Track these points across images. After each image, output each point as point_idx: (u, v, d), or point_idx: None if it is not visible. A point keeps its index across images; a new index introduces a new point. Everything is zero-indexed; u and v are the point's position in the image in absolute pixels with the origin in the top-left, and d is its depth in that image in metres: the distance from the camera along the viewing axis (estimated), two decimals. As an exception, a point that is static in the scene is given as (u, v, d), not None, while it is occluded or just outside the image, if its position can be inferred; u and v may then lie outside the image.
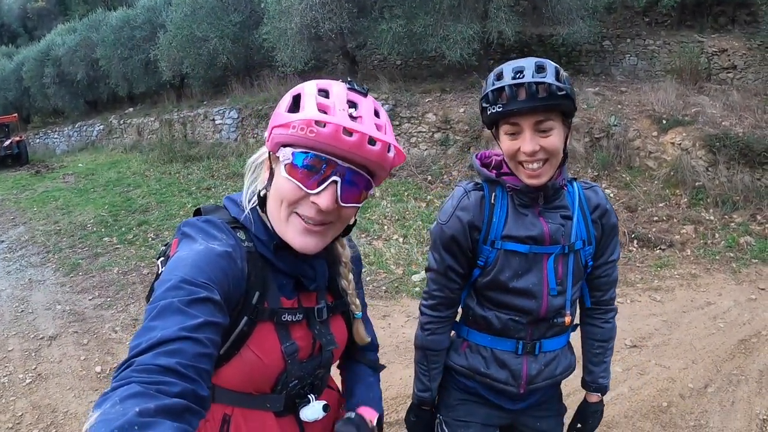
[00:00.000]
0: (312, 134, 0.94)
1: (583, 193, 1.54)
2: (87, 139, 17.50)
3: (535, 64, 1.34)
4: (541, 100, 1.31)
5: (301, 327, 1.13)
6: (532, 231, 1.47)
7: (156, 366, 0.71)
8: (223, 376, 1.06)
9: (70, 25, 19.68)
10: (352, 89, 1.03)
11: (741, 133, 6.95)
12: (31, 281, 6.37)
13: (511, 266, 1.49)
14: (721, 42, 9.47)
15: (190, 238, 1.00)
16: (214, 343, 0.82)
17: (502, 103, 1.34)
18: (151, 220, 8.22)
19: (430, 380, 1.68)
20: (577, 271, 1.53)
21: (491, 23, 9.09)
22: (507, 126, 1.39)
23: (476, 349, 1.62)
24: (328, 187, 0.99)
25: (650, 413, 3.37)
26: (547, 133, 1.35)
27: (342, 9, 10.17)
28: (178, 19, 13.37)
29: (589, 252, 1.54)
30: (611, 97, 8.75)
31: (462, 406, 1.69)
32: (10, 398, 3.91)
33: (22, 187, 12.63)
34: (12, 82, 20.91)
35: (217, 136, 12.58)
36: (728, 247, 5.94)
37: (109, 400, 0.65)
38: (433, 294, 1.61)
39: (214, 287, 0.89)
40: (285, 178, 1.00)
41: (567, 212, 1.50)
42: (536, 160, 1.37)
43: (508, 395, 1.63)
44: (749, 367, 3.84)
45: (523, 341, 1.56)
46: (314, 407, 1.16)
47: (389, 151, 1.01)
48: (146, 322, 0.80)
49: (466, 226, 1.50)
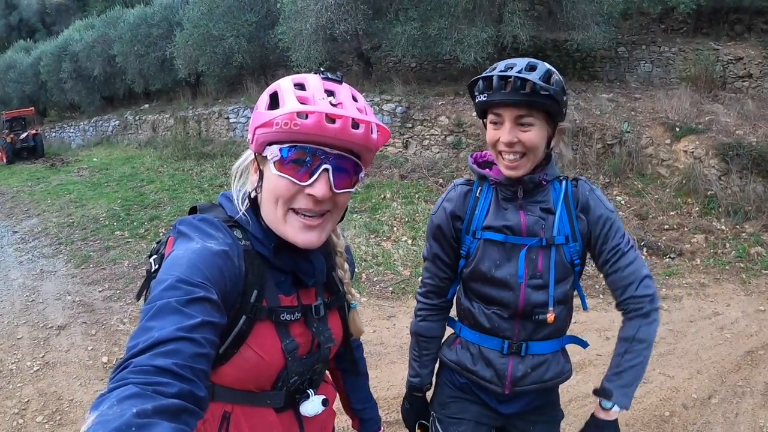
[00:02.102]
0: (296, 127, 0.95)
1: (571, 190, 1.54)
2: (102, 134, 17.68)
3: (528, 63, 1.41)
4: (523, 96, 1.37)
5: (300, 324, 1.13)
6: (508, 221, 1.51)
7: (153, 367, 0.71)
8: (223, 374, 1.06)
9: (87, 21, 19.90)
10: (327, 78, 1.04)
11: (755, 143, 6.88)
12: (42, 272, 6.46)
13: (490, 256, 1.53)
14: (737, 50, 9.38)
15: (187, 237, 0.99)
16: (211, 343, 0.82)
17: (488, 93, 1.42)
18: (162, 216, 8.29)
19: (421, 366, 1.74)
20: (560, 267, 1.51)
21: (506, 27, 9.06)
22: (492, 115, 1.47)
23: (466, 345, 1.64)
24: (320, 177, 1.00)
25: (652, 422, 3.35)
26: (527, 128, 1.42)
27: (357, 11, 10.20)
28: (195, 18, 13.46)
29: (574, 249, 1.52)
30: (625, 103, 8.70)
31: (455, 404, 1.71)
32: (17, 384, 3.98)
33: (36, 179, 12.79)
34: (29, 76, 21.13)
35: (230, 135, 12.67)
36: (739, 257, 5.89)
37: (107, 401, 0.65)
38: (424, 282, 1.71)
39: (212, 287, 0.89)
40: (276, 176, 1.00)
41: (548, 205, 1.52)
42: (513, 151, 1.43)
43: (495, 395, 1.63)
44: (755, 379, 3.80)
45: (509, 341, 1.56)
46: (314, 402, 1.17)
47: (372, 132, 1.01)
48: (143, 322, 0.80)
49: (448, 216, 1.59)
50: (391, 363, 4.04)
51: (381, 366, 3.99)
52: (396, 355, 4.15)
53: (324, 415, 1.23)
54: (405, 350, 4.19)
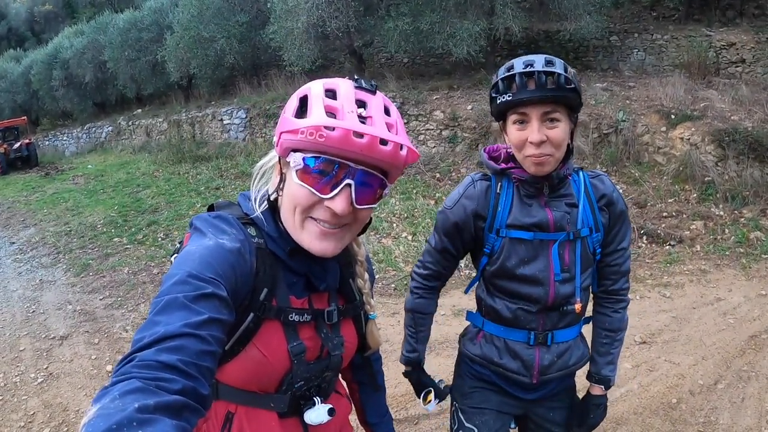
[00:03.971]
0: (322, 138, 0.91)
1: (590, 182, 1.57)
2: (96, 140, 17.62)
3: (544, 58, 1.38)
4: (550, 91, 1.35)
5: (310, 328, 1.11)
6: (536, 218, 1.50)
7: (157, 362, 0.71)
8: (228, 372, 1.05)
9: (77, 28, 19.76)
10: (360, 87, 1.00)
11: (750, 128, 6.88)
12: (42, 282, 6.43)
13: (517, 253, 1.53)
14: (730, 36, 9.38)
15: (200, 233, 0.99)
16: (217, 341, 0.82)
17: (512, 92, 1.38)
18: (160, 220, 8.27)
19: (417, 342, 1.78)
20: (584, 258, 1.55)
21: (498, 19, 9.06)
22: (515, 115, 1.42)
23: (490, 339, 1.66)
24: (341, 191, 0.97)
25: (660, 410, 3.36)
26: (554, 124, 1.40)
27: (348, 7, 10.18)
28: (185, 20, 13.41)
29: (596, 239, 1.56)
30: (619, 92, 8.70)
31: (476, 393, 1.74)
32: (22, 397, 3.96)
33: (32, 189, 12.75)
34: (20, 85, 21.07)
35: (225, 136, 12.63)
36: (738, 242, 5.90)
37: (109, 394, 0.64)
38: (426, 265, 1.72)
39: (222, 283, 0.88)
40: (297, 185, 0.98)
41: (572, 200, 1.53)
42: (540, 151, 1.40)
43: (521, 385, 1.66)
44: (759, 363, 3.81)
45: (534, 332, 1.59)
46: (319, 410, 1.15)
47: (401, 149, 0.97)
48: (150, 316, 0.80)
49: (470, 215, 1.56)
50: (396, 360, 4.02)
51: (387, 363, 3.93)
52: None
53: (331, 426, 1.20)
54: (410, 347, 4.19)
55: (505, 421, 1.74)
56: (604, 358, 1.70)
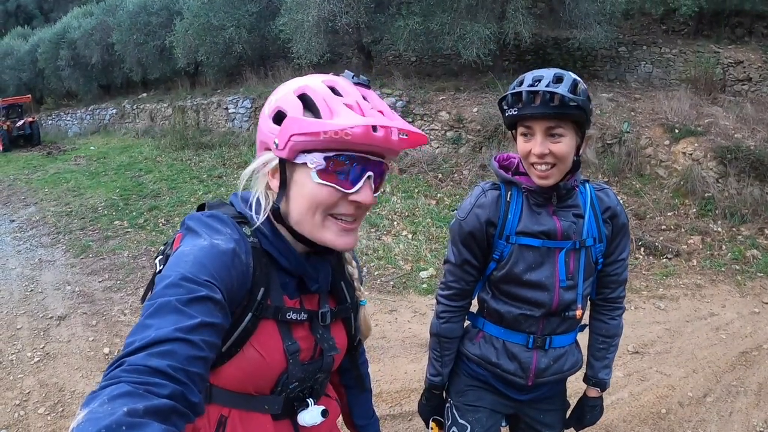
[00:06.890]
0: (348, 137, 0.92)
1: (595, 195, 1.65)
2: (99, 122, 17.58)
3: (554, 74, 1.45)
4: (553, 108, 1.42)
5: (304, 328, 1.11)
6: (544, 227, 1.57)
7: (146, 367, 0.70)
8: (224, 374, 1.04)
9: (86, 9, 19.66)
10: (359, 84, 1.02)
11: (753, 146, 6.93)
12: (41, 261, 6.46)
13: (525, 260, 1.59)
14: (738, 53, 9.43)
15: (194, 233, 0.97)
16: (210, 346, 0.80)
17: (518, 107, 1.47)
18: (162, 206, 8.29)
19: (443, 366, 1.81)
20: (588, 267, 1.63)
21: (508, 24, 9.08)
22: (522, 128, 1.52)
23: (489, 339, 1.72)
24: (365, 184, 1.00)
25: (649, 419, 3.41)
26: (557, 139, 1.47)
27: (359, 3, 10.20)
28: (195, 7, 13.39)
29: (599, 249, 1.64)
30: (625, 103, 8.74)
31: (471, 392, 1.80)
32: (18, 375, 3.99)
33: (33, 167, 12.74)
34: (26, 63, 20.97)
35: (229, 125, 12.64)
36: (734, 259, 5.95)
37: (98, 398, 0.64)
38: (449, 285, 1.73)
39: (216, 285, 0.87)
40: (318, 184, 0.98)
41: (579, 211, 1.61)
42: (545, 162, 1.48)
43: (515, 386, 1.73)
44: (749, 379, 3.86)
45: (534, 335, 1.65)
46: (313, 412, 1.15)
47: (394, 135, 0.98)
48: (142, 320, 0.78)
49: (483, 223, 1.61)
50: (393, 357, 4.07)
51: (384, 360, 4.03)
52: (398, 349, 4.19)
53: (323, 428, 1.21)
54: (407, 344, 4.24)
55: (497, 419, 1.81)
56: (600, 362, 1.80)
